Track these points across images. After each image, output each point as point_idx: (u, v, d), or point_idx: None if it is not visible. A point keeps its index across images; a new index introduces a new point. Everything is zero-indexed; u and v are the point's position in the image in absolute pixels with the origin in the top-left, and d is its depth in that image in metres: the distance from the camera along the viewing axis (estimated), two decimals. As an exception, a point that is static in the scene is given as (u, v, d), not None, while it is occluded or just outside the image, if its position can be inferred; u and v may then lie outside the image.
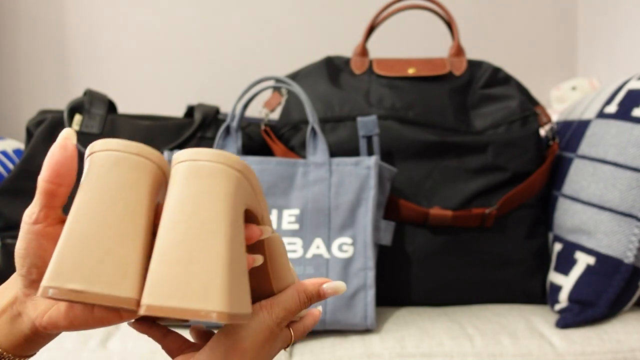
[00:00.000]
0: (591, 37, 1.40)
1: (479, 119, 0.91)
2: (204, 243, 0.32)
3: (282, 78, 0.87)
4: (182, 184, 0.33)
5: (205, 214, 0.32)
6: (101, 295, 0.31)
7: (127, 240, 0.32)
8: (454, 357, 0.73)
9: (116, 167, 0.33)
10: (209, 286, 0.31)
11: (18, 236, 0.36)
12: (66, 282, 0.30)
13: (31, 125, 0.90)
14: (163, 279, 0.31)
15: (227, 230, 0.32)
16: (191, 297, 0.31)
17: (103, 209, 0.32)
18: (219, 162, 0.34)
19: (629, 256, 0.76)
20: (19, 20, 1.38)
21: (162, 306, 0.30)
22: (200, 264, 0.31)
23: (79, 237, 0.31)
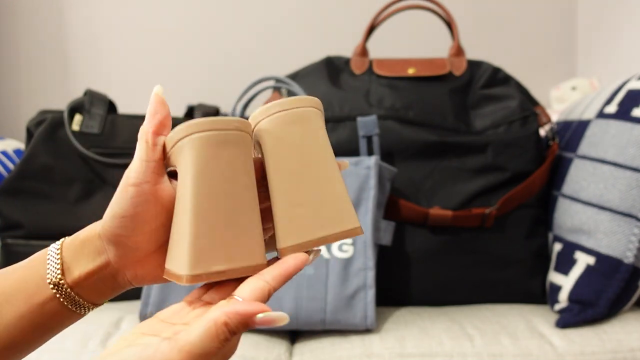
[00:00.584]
0: (591, 37, 1.40)
1: (479, 119, 0.91)
2: (323, 177, 0.36)
3: (282, 78, 0.87)
4: (282, 132, 0.36)
5: (314, 152, 0.36)
6: (241, 269, 0.34)
7: (248, 214, 0.35)
8: (454, 357, 0.73)
9: (224, 146, 0.34)
10: (344, 208, 0.36)
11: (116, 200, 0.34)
12: (210, 267, 0.33)
13: (31, 125, 0.90)
14: (297, 218, 0.35)
15: (334, 160, 0.36)
16: (330, 223, 0.35)
17: (222, 190, 0.34)
18: (310, 106, 0.37)
19: (629, 256, 0.76)
20: (19, 21, 1.38)
21: (303, 242, 0.35)
22: (327, 194, 0.35)
23: (209, 221, 0.33)
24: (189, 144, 0.34)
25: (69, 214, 0.87)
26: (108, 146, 0.90)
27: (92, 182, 0.88)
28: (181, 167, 0.34)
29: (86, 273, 0.35)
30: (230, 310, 0.30)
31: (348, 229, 0.35)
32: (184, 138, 0.34)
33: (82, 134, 0.89)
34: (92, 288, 0.36)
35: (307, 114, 0.36)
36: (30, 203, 0.87)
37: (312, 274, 0.78)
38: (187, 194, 0.33)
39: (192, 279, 0.32)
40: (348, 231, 0.35)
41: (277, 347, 0.76)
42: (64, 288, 0.35)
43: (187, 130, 0.34)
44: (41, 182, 0.87)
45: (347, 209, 0.35)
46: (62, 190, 0.88)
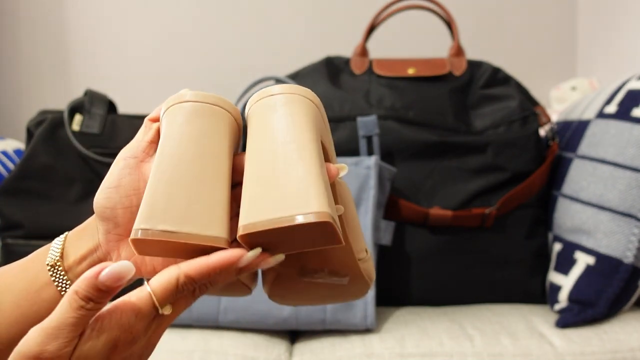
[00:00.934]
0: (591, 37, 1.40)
1: (479, 119, 0.91)
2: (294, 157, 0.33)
3: (282, 78, 0.87)
4: (260, 117, 0.35)
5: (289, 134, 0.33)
6: (193, 234, 0.31)
7: (213, 183, 0.33)
8: (454, 357, 0.73)
9: (196, 116, 0.35)
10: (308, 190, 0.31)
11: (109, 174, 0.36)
12: (158, 224, 0.31)
13: (31, 125, 0.90)
14: (255, 198, 0.32)
15: (313, 145, 0.33)
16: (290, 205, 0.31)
17: (188, 156, 0.33)
18: (293, 92, 0.35)
19: (629, 256, 0.76)
20: (19, 21, 1.38)
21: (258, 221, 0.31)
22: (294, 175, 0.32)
23: (168, 182, 0.33)
24: (167, 113, 0.36)
25: (69, 214, 0.87)
26: (108, 146, 0.90)
27: (92, 182, 0.88)
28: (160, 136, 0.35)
29: (80, 256, 0.36)
30: (80, 278, 0.30)
31: (308, 211, 0.30)
32: (166, 110, 0.36)
33: (82, 134, 0.89)
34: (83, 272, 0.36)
35: (290, 100, 0.35)
36: (30, 203, 0.87)
37: (312, 274, 0.78)
38: (156, 155, 0.34)
39: (141, 232, 0.31)
40: (308, 214, 0.30)
41: (277, 347, 0.76)
42: (60, 272, 0.36)
43: (167, 103, 0.36)
44: (41, 182, 0.87)
45: (314, 192, 0.31)
46: (62, 190, 0.88)
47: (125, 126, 0.91)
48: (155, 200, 0.32)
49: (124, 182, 0.36)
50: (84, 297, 0.29)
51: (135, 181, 0.36)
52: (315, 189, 0.31)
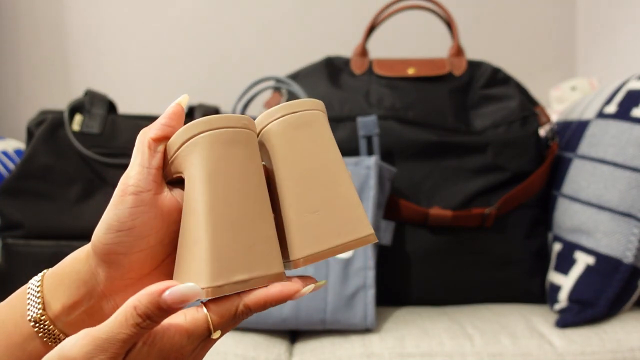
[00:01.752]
0: (591, 37, 1.40)
1: (479, 119, 0.91)
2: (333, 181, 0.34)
3: (282, 78, 0.87)
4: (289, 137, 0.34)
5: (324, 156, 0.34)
6: (262, 277, 0.31)
7: (266, 217, 0.33)
8: (454, 357, 0.73)
9: (233, 145, 0.32)
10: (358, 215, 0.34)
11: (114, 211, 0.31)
12: (232, 276, 0.30)
13: (32, 125, 0.90)
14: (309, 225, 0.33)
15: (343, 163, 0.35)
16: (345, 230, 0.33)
17: (235, 192, 0.31)
18: (317, 109, 0.36)
19: (629, 256, 0.76)
20: (19, 21, 1.38)
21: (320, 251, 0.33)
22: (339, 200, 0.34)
23: (227, 226, 0.31)
24: (199, 143, 0.31)
25: (69, 214, 0.87)
26: (108, 146, 0.90)
27: (92, 182, 0.88)
28: (190, 170, 0.31)
29: (70, 304, 0.33)
30: (140, 293, 0.28)
31: (363, 236, 0.34)
32: (193, 138, 0.31)
33: (82, 134, 0.89)
34: (77, 322, 0.33)
35: (314, 117, 0.35)
36: (31, 203, 0.87)
37: (312, 274, 0.78)
38: (200, 198, 0.30)
39: (215, 291, 0.30)
40: (363, 238, 0.34)
41: (277, 347, 0.76)
42: (46, 325, 0.32)
43: (195, 129, 0.31)
44: (41, 182, 0.87)
45: (361, 216, 0.34)
46: (62, 190, 0.88)
47: (125, 126, 0.91)
48: (219, 250, 0.30)
49: (139, 222, 0.31)
50: (143, 314, 0.27)
51: (152, 219, 0.31)
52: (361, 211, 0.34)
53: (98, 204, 0.88)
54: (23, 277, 0.86)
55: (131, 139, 0.90)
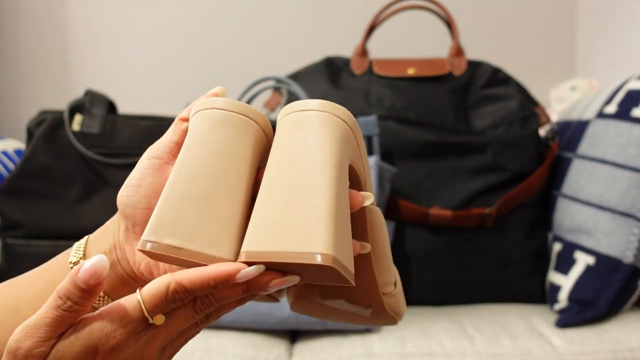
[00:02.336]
0: (591, 37, 1.40)
1: (479, 119, 0.91)
2: (308, 185, 0.30)
3: (282, 78, 0.87)
4: (286, 133, 0.32)
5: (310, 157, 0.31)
6: (197, 253, 0.30)
7: (227, 199, 0.31)
8: (454, 357, 0.73)
9: (221, 125, 0.33)
10: (316, 227, 0.29)
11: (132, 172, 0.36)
12: (164, 238, 0.30)
13: (32, 125, 0.90)
14: (263, 224, 0.30)
15: (334, 172, 0.30)
16: (294, 239, 0.29)
17: (206, 167, 0.32)
18: (325, 110, 0.32)
19: (628, 256, 0.76)
20: (19, 20, 1.38)
21: (261, 251, 0.29)
22: (305, 206, 0.29)
23: (182, 194, 0.31)
24: (197, 117, 0.34)
25: (69, 214, 0.87)
26: (108, 146, 0.90)
27: (92, 182, 0.88)
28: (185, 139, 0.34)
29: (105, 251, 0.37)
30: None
31: (310, 251, 0.28)
32: (196, 113, 0.34)
33: (82, 134, 0.89)
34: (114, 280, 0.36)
35: (323, 119, 0.32)
36: (31, 203, 0.87)
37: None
38: (176, 162, 0.33)
39: (147, 244, 0.30)
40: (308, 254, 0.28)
41: (277, 347, 0.76)
42: None
43: (197, 106, 0.34)
44: (41, 182, 0.87)
45: (320, 231, 0.28)
46: (62, 190, 0.88)
47: (125, 126, 0.91)
48: (166, 212, 0.31)
49: (146, 182, 0.35)
50: (63, 296, 0.28)
51: (157, 183, 0.35)
52: (324, 226, 0.29)
53: (98, 204, 0.88)
54: (23, 277, 0.86)
55: (131, 139, 0.90)
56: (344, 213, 0.30)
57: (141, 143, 0.90)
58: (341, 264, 0.29)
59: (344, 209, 0.30)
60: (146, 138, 0.91)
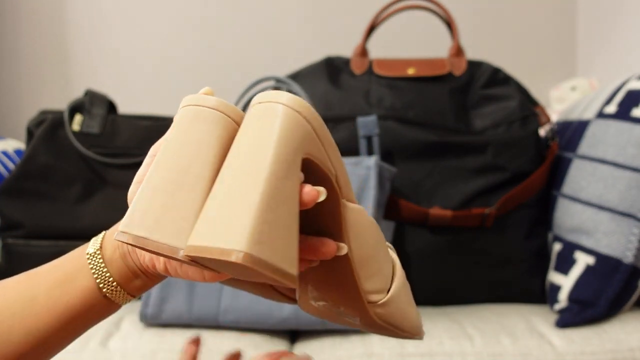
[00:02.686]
0: (591, 37, 1.40)
1: (479, 119, 0.91)
2: (247, 179, 0.30)
3: (282, 78, 0.87)
4: (246, 123, 0.32)
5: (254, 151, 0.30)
6: (157, 243, 0.31)
7: (191, 191, 0.32)
8: (454, 357, 0.73)
9: (193, 120, 0.33)
10: (239, 223, 0.28)
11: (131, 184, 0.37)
12: (134, 229, 0.32)
13: (32, 125, 0.90)
14: (206, 217, 0.30)
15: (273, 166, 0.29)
16: (218, 235, 0.28)
17: (175, 159, 0.33)
18: (276, 101, 0.31)
19: (629, 256, 0.76)
20: (19, 20, 1.38)
21: (194, 246, 0.29)
22: (239, 199, 0.29)
23: (151, 187, 0.32)
24: (178, 114, 0.35)
25: (69, 214, 0.87)
26: (108, 146, 0.90)
27: (92, 182, 0.88)
28: None
29: (114, 246, 0.38)
30: None
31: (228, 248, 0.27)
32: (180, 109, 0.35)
33: (82, 134, 0.89)
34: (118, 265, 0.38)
35: (274, 112, 0.31)
36: (31, 203, 0.87)
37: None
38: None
39: (118, 234, 0.32)
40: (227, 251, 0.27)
41: (277, 347, 0.76)
42: (98, 259, 0.37)
43: (182, 102, 0.35)
44: (41, 182, 0.87)
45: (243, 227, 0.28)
46: (62, 190, 0.88)
47: (125, 126, 0.91)
48: (138, 204, 0.32)
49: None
50: None
51: None
52: (246, 222, 0.28)
53: (98, 204, 0.88)
54: (23, 277, 0.86)
55: (131, 139, 0.90)
56: (283, 209, 0.29)
57: (141, 143, 0.90)
58: (263, 262, 0.28)
59: (282, 204, 0.29)
60: (146, 138, 0.91)
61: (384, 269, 0.37)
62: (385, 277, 0.37)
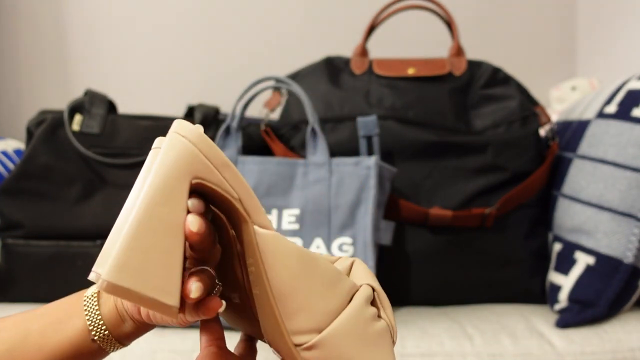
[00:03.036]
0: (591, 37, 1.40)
1: (479, 119, 0.91)
2: (127, 210, 0.31)
3: (282, 78, 0.87)
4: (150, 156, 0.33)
5: (139, 183, 0.31)
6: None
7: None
8: (454, 357, 0.73)
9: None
10: (111, 252, 0.28)
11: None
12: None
13: (32, 125, 0.90)
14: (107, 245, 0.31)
15: (150, 193, 0.28)
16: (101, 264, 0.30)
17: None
18: (173, 130, 0.31)
19: (629, 256, 0.76)
20: (19, 20, 1.38)
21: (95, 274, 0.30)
22: (116, 231, 0.30)
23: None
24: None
25: (69, 214, 0.87)
26: (108, 146, 0.90)
27: (92, 182, 0.88)
28: None
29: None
30: None
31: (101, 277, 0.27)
32: None
33: (82, 134, 0.89)
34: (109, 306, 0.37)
35: (166, 141, 0.31)
36: (31, 203, 0.87)
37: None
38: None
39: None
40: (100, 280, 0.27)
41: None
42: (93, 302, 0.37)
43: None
44: (41, 182, 0.87)
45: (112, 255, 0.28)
46: (62, 190, 0.88)
47: (125, 126, 0.91)
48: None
49: None
50: None
51: None
52: (115, 251, 0.27)
53: (98, 204, 0.88)
54: (23, 277, 0.86)
55: (131, 139, 0.90)
56: (160, 236, 0.28)
57: (141, 143, 0.90)
58: (127, 291, 0.27)
59: (158, 232, 0.28)
60: (146, 138, 0.90)
61: (318, 304, 0.32)
62: (320, 315, 0.32)
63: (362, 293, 0.34)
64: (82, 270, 0.86)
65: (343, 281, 0.33)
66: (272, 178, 0.82)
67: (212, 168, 0.31)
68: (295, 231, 0.80)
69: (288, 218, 0.81)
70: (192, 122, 0.93)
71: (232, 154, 0.85)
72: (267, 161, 0.83)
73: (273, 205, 0.81)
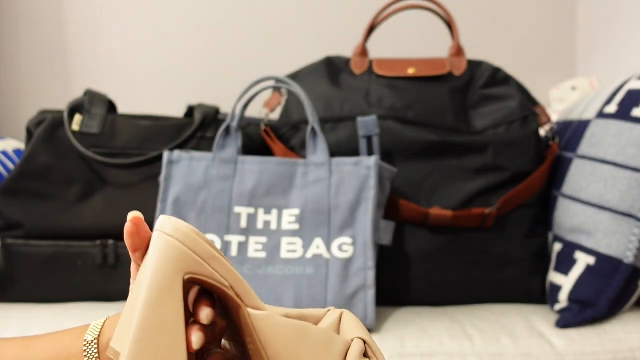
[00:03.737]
0: (591, 37, 1.40)
1: (479, 119, 0.91)
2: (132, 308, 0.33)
3: (282, 78, 0.87)
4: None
5: (138, 282, 0.34)
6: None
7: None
8: (454, 357, 0.73)
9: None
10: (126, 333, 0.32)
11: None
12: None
13: (31, 125, 0.90)
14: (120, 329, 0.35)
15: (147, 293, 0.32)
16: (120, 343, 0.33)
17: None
18: (156, 229, 0.34)
19: (629, 256, 0.76)
20: (19, 20, 1.38)
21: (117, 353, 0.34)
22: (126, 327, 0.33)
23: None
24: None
25: (69, 214, 0.87)
26: (108, 146, 0.90)
27: (92, 182, 0.88)
28: None
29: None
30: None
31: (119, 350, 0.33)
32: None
33: (82, 134, 0.89)
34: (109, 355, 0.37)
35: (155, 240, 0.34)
36: (30, 203, 0.87)
37: (313, 274, 0.78)
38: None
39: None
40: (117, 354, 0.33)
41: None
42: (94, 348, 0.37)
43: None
44: (41, 182, 0.87)
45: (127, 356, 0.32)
46: (62, 190, 0.88)
47: (125, 126, 0.91)
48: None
49: None
50: None
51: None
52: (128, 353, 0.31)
53: (98, 204, 0.88)
54: (23, 277, 0.86)
55: (131, 139, 0.90)
56: (163, 334, 0.32)
57: (141, 143, 0.90)
58: None
59: (161, 330, 0.32)
60: (146, 138, 0.90)
61: None
62: None
63: (354, 349, 0.36)
64: (82, 270, 0.86)
65: (335, 342, 0.36)
66: (272, 178, 0.82)
67: (201, 262, 0.33)
68: (295, 231, 0.80)
69: (288, 218, 0.81)
70: (192, 122, 0.93)
71: (232, 154, 0.85)
72: (267, 161, 0.83)
73: (273, 205, 0.81)
